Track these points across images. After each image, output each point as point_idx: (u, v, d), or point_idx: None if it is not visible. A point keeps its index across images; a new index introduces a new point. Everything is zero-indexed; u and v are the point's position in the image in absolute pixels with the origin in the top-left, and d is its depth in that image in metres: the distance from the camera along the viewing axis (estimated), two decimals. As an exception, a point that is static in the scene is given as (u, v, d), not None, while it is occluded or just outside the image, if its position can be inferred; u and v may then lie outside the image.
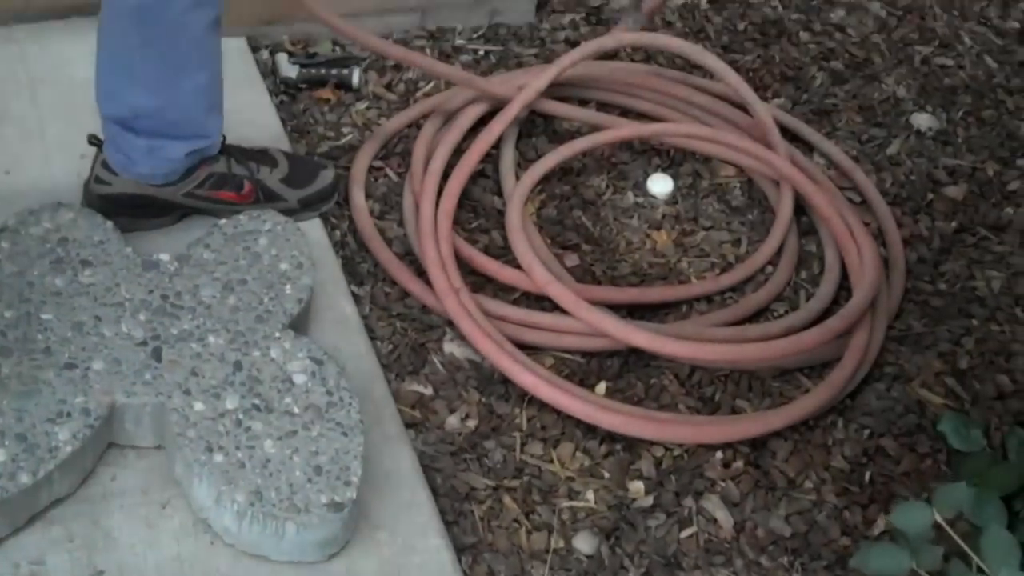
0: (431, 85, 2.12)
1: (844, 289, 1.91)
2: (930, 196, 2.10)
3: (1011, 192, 2.13)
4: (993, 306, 1.94)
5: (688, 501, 1.62)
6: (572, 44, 2.24)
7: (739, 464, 1.67)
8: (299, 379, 1.52)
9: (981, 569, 1.18)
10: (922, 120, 2.22)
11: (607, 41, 2.06)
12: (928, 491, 1.68)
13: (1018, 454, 1.70)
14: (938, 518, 1.20)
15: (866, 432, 1.74)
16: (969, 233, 2.05)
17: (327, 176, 1.84)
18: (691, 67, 2.19)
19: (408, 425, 1.62)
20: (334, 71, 2.08)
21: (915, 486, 1.68)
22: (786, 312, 1.87)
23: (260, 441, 1.46)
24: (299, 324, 1.61)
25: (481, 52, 2.20)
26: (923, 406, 1.78)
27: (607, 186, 2.02)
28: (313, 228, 1.80)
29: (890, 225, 2.00)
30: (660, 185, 2.01)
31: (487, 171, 1.99)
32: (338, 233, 1.84)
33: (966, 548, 1.22)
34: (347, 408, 1.50)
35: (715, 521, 1.61)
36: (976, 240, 2.04)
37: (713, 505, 1.62)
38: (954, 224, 2.06)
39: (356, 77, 2.07)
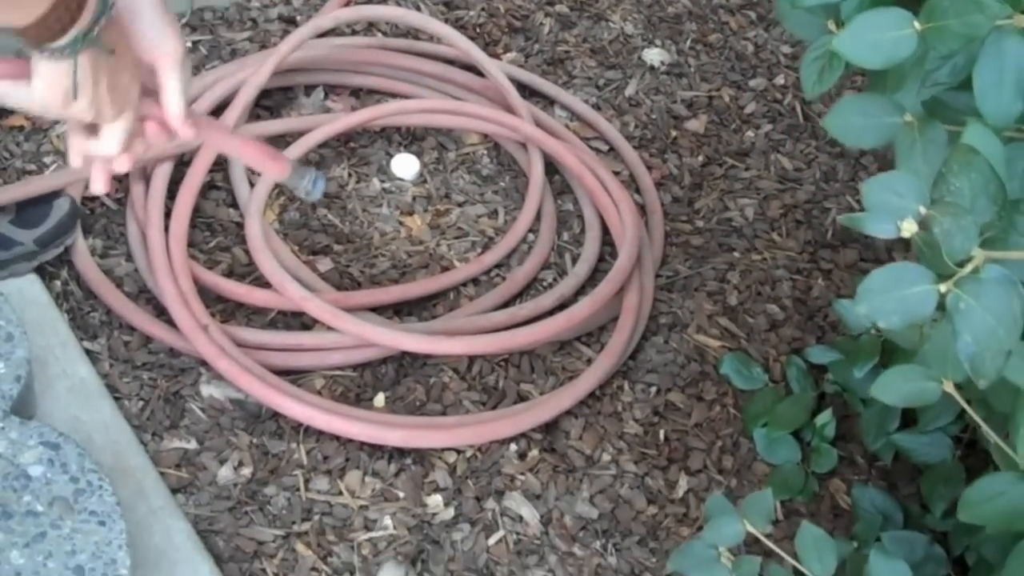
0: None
1: (608, 244, 1.80)
2: (674, 133, 2.00)
3: (749, 115, 2.06)
4: (750, 235, 1.88)
5: (490, 504, 1.48)
6: (287, 20, 2.01)
7: (535, 452, 1.54)
8: (35, 471, 1.27)
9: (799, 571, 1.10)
10: (653, 55, 2.12)
11: (323, 21, 1.84)
12: (722, 440, 1.61)
13: (799, 383, 1.66)
14: (749, 528, 1.10)
15: (652, 390, 1.65)
16: (716, 164, 1.98)
17: (62, 206, 1.56)
18: (417, 32, 2.00)
19: (175, 490, 1.41)
20: (24, 91, 1.77)
21: (709, 436, 1.61)
22: (555, 280, 1.74)
23: (5, 554, 1.21)
24: (25, 405, 1.35)
25: (189, 44, 1.93)
26: (702, 352, 1.70)
27: (349, 175, 1.82)
28: (27, 284, 1.53)
29: (641, 170, 1.90)
30: (405, 167, 1.83)
31: (217, 181, 1.75)
32: (58, 283, 1.57)
33: (771, 545, 1.14)
34: (98, 492, 1.27)
35: (521, 519, 1.48)
36: (724, 170, 1.97)
37: (516, 503, 1.49)
38: (701, 158, 1.98)
39: (52, 95, 1.77)
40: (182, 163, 1.71)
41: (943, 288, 0.81)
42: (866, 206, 0.84)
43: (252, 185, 1.70)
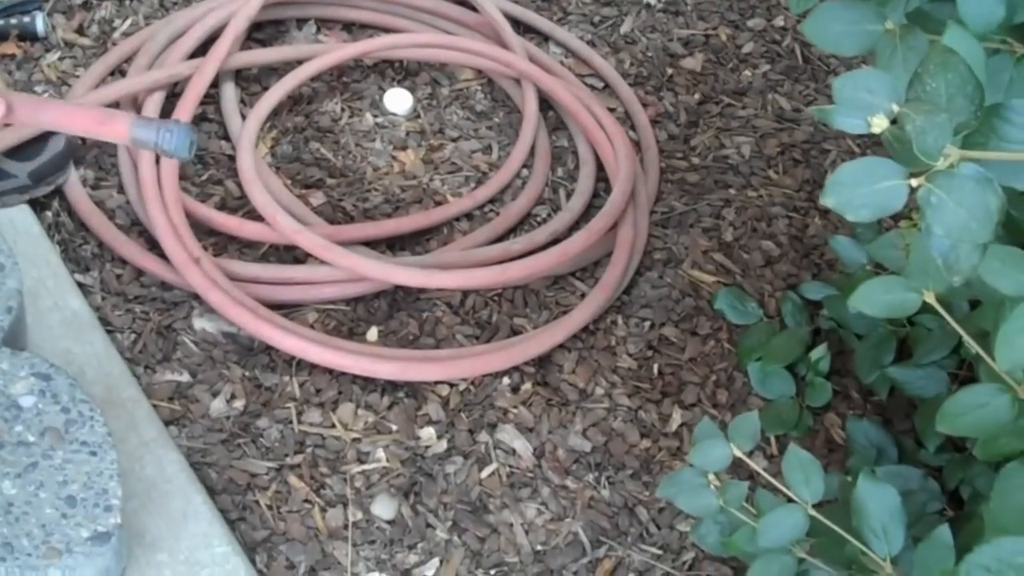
0: (128, 22, 1.80)
1: (602, 180, 1.77)
2: (670, 71, 1.97)
3: (746, 55, 2.02)
4: (747, 172, 1.85)
5: (483, 436, 1.47)
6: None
7: (528, 386, 1.52)
8: (26, 402, 1.26)
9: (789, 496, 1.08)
10: (650, -9, 2.08)
11: (314, -47, 1.80)
12: (716, 374, 1.59)
13: (794, 318, 1.64)
14: (736, 452, 1.08)
15: (647, 324, 1.63)
16: (713, 102, 1.94)
17: (58, 142, 1.54)
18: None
19: (168, 422, 1.39)
20: (14, 20, 1.73)
21: (703, 371, 1.59)
22: (549, 215, 1.72)
23: (-5, 483, 1.20)
24: (15, 337, 1.33)
25: (179, -21, 1.89)
26: (697, 287, 1.68)
27: (342, 110, 1.79)
28: (19, 214, 1.50)
29: (636, 107, 1.87)
30: (398, 102, 1.79)
31: (209, 113, 1.72)
32: (49, 214, 1.55)
33: (769, 478, 1.13)
34: (89, 423, 1.25)
35: (514, 452, 1.46)
36: (720, 108, 1.93)
37: (509, 436, 1.48)
38: (697, 96, 1.94)
39: (40, 23, 1.74)
40: (174, 94, 1.68)
41: (915, 183, 0.78)
42: (837, 101, 0.80)
43: (244, 118, 1.67)
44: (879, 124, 0.78)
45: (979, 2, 0.93)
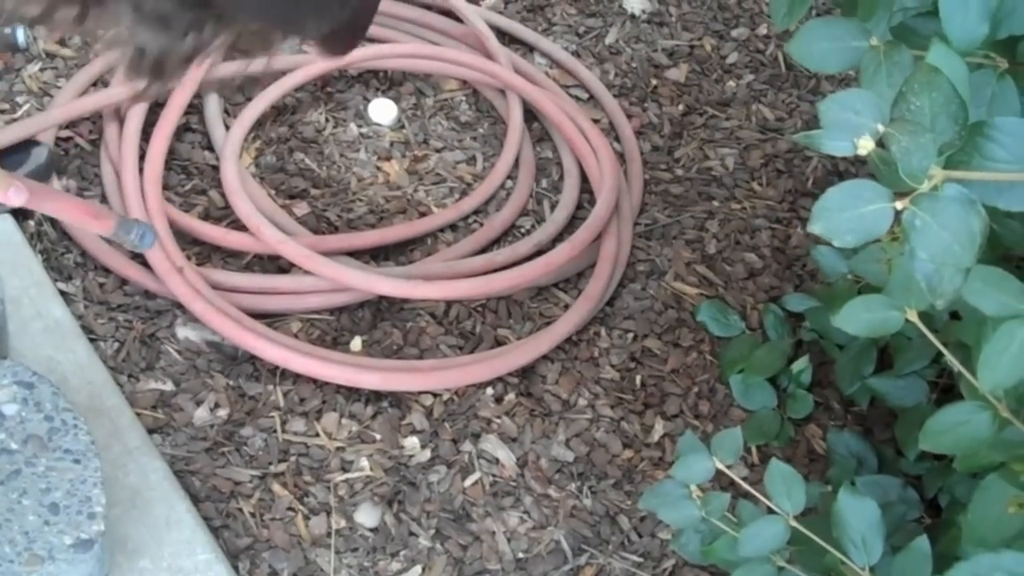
0: (112, 32, 1.82)
1: (586, 191, 1.81)
2: (654, 82, 2.01)
3: (731, 65, 2.07)
4: (731, 184, 1.89)
5: (466, 446, 1.50)
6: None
7: (511, 396, 1.56)
8: (9, 410, 1.28)
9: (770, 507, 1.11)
10: (634, 3, 2.12)
11: (300, -38, 1.83)
12: (698, 386, 1.63)
13: (776, 331, 1.67)
14: (719, 465, 1.11)
15: (630, 336, 1.66)
16: (697, 113, 1.98)
17: (40, 154, 1.57)
18: (394, -22, 1.99)
19: (152, 430, 1.41)
20: (-6, 32, 1.76)
21: (685, 382, 1.62)
22: (533, 227, 1.75)
23: (-22, 490, 1.22)
24: (-1, 345, 1.36)
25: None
26: (680, 299, 1.72)
27: (327, 120, 1.82)
28: (1, 224, 1.53)
29: (620, 119, 1.91)
30: (383, 112, 1.83)
31: (192, 123, 1.75)
32: (32, 223, 1.57)
33: (748, 487, 1.16)
34: (73, 431, 1.28)
35: (497, 461, 1.49)
36: (705, 120, 1.97)
37: (492, 445, 1.51)
38: (681, 107, 1.98)
39: (21, 35, 1.76)
40: (157, 104, 1.70)
41: (899, 205, 0.78)
42: (823, 124, 0.81)
43: (227, 128, 1.70)
44: (865, 146, 0.78)
45: (963, 19, 0.94)
